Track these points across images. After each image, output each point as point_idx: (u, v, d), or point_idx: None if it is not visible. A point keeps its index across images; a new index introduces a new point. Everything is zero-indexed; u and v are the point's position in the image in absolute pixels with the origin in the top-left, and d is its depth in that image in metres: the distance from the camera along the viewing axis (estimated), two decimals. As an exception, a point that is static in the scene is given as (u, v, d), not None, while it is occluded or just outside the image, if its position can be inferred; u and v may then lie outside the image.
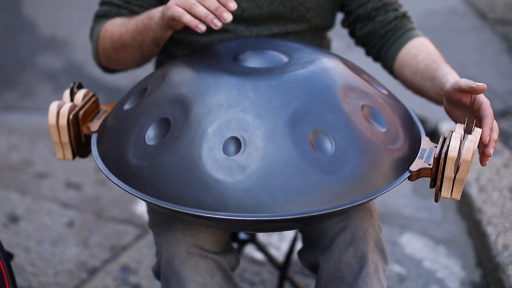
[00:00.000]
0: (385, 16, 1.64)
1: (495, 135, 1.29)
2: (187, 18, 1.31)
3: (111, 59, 1.63)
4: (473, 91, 1.29)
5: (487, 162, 1.31)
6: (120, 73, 1.75)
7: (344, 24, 1.73)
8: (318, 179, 1.14)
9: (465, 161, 1.20)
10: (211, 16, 1.30)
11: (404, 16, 1.66)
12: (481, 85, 1.28)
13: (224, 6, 1.30)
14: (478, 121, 1.31)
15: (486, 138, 1.27)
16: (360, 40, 1.71)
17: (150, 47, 1.52)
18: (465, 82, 1.31)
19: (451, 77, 1.41)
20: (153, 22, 1.44)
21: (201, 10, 1.30)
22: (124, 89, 3.54)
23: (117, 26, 1.56)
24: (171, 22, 1.37)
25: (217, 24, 1.29)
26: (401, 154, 1.26)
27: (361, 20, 1.67)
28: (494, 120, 1.29)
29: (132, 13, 1.61)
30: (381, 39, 1.66)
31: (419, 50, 1.56)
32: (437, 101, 1.51)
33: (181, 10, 1.32)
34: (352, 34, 1.73)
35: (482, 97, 1.31)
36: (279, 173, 1.14)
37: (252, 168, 1.14)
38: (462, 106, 1.37)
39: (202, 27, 1.31)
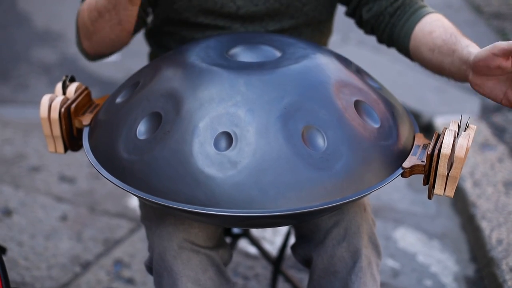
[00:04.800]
0: None
1: None
2: None
3: (90, 35, 1.54)
4: None
5: None
6: (114, 66, 1.72)
7: (349, 12, 1.65)
8: (310, 175, 1.14)
9: (458, 158, 1.19)
10: None
11: None
12: None
13: None
14: None
15: None
16: (368, 24, 1.61)
17: (125, 5, 1.41)
18: (509, 43, 1.22)
19: (473, 48, 1.33)
20: None
21: None
22: (118, 82, 3.53)
23: None
24: None
25: None
26: (394, 150, 1.25)
27: (366, 2, 1.59)
28: None
29: None
30: (391, 19, 1.57)
31: (435, 26, 1.47)
32: (458, 76, 1.41)
33: None
34: (359, 22, 1.65)
35: None
36: (270, 168, 1.13)
37: (243, 163, 1.14)
38: (496, 75, 1.28)
39: None
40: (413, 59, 1.55)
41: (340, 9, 1.74)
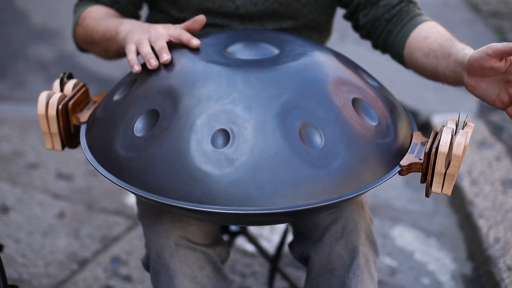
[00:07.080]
0: (389, 0, 1.57)
1: None
2: (129, 57, 1.38)
3: (84, 45, 1.67)
4: None
5: None
6: (112, 63, 1.75)
7: (346, 16, 1.66)
8: (307, 172, 1.14)
9: (456, 156, 1.19)
10: (149, 55, 1.35)
11: (410, 1, 1.57)
12: None
13: (187, 44, 1.37)
14: None
15: None
16: (365, 29, 1.62)
17: (114, 54, 1.57)
18: (503, 44, 1.21)
19: (468, 50, 1.33)
20: (118, 38, 1.48)
21: (145, 49, 1.36)
22: (115, 80, 3.52)
23: (93, 21, 1.57)
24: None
25: (151, 63, 1.33)
26: (392, 148, 1.25)
27: (364, 6, 1.59)
28: None
29: (112, 1, 1.62)
30: (387, 25, 1.57)
31: (430, 32, 1.48)
32: (453, 79, 1.40)
33: (131, 48, 1.39)
34: (356, 26, 1.66)
35: None
36: (267, 166, 1.13)
37: (240, 161, 1.13)
38: (490, 76, 1.28)
39: (135, 68, 1.36)
40: (406, 65, 1.56)
41: (339, 10, 1.73)
